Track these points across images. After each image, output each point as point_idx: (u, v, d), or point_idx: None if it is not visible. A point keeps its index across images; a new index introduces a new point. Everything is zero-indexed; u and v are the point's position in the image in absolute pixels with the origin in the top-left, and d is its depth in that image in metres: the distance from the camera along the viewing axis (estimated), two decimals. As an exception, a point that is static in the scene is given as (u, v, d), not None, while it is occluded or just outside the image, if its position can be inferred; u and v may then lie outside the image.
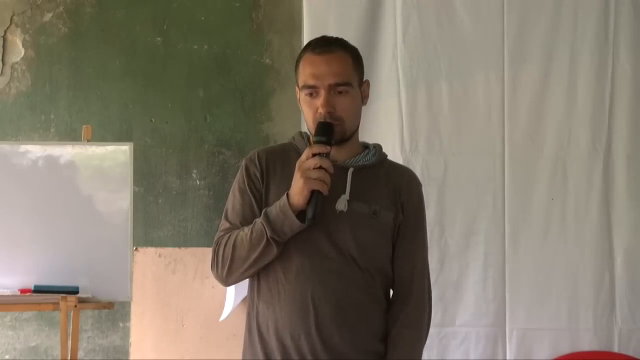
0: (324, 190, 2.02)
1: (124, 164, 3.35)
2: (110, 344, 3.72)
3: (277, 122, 3.76)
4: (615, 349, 3.51)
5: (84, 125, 3.42)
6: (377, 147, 2.24)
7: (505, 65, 3.58)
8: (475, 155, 3.57)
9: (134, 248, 3.44)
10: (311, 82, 2.11)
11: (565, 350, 3.50)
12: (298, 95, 2.19)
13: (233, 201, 2.19)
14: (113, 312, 3.61)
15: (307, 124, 2.15)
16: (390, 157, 2.28)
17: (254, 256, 2.07)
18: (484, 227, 3.56)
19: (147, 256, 3.59)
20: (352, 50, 2.18)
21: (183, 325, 3.57)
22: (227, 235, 2.13)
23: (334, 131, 2.08)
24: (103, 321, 3.71)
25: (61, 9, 3.83)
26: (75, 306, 3.10)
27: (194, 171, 3.79)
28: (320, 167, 2.01)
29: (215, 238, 2.16)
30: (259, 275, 2.14)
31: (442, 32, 3.59)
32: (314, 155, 2.03)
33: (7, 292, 3.17)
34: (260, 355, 2.11)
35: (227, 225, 2.17)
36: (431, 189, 3.52)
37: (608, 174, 3.57)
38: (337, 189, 2.08)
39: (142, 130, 3.80)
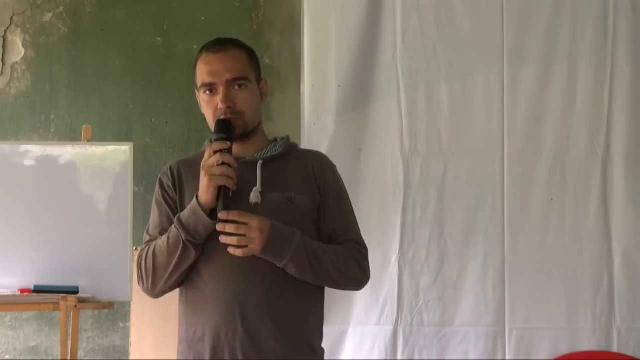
0: (230, 184, 2.04)
1: (124, 164, 3.34)
2: (110, 344, 3.72)
3: (277, 122, 3.75)
4: (615, 349, 3.50)
5: (84, 125, 3.41)
6: (286, 138, 2.27)
7: (504, 65, 3.58)
8: (474, 156, 3.57)
9: (134, 248, 3.43)
10: (209, 79, 2.14)
11: (565, 350, 3.50)
12: (198, 99, 2.21)
13: (152, 215, 2.23)
14: (113, 312, 3.61)
15: (209, 124, 2.17)
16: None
17: (174, 261, 2.10)
18: (483, 227, 3.55)
19: (147, 256, 3.58)
20: (247, 48, 2.22)
21: (183, 325, 3.56)
22: (147, 247, 2.15)
23: (232, 127, 2.11)
24: (103, 321, 3.71)
25: (61, 9, 3.83)
26: (75, 306, 3.10)
27: (194, 171, 3.79)
28: (223, 163, 2.03)
29: (138, 252, 2.19)
30: (184, 281, 2.16)
31: (442, 32, 3.59)
32: (215, 152, 2.05)
33: (7, 292, 3.15)
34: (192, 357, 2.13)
35: (148, 238, 2.20)
36: (431, 189, 3.53)
37: (607, 174, 3.56)
38: (249, 184, 2.10)
39: (142, 130, 3.80)
